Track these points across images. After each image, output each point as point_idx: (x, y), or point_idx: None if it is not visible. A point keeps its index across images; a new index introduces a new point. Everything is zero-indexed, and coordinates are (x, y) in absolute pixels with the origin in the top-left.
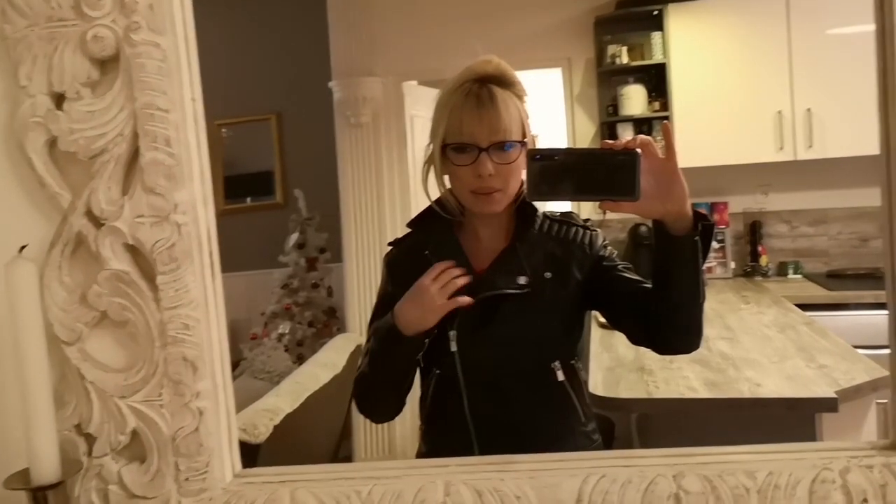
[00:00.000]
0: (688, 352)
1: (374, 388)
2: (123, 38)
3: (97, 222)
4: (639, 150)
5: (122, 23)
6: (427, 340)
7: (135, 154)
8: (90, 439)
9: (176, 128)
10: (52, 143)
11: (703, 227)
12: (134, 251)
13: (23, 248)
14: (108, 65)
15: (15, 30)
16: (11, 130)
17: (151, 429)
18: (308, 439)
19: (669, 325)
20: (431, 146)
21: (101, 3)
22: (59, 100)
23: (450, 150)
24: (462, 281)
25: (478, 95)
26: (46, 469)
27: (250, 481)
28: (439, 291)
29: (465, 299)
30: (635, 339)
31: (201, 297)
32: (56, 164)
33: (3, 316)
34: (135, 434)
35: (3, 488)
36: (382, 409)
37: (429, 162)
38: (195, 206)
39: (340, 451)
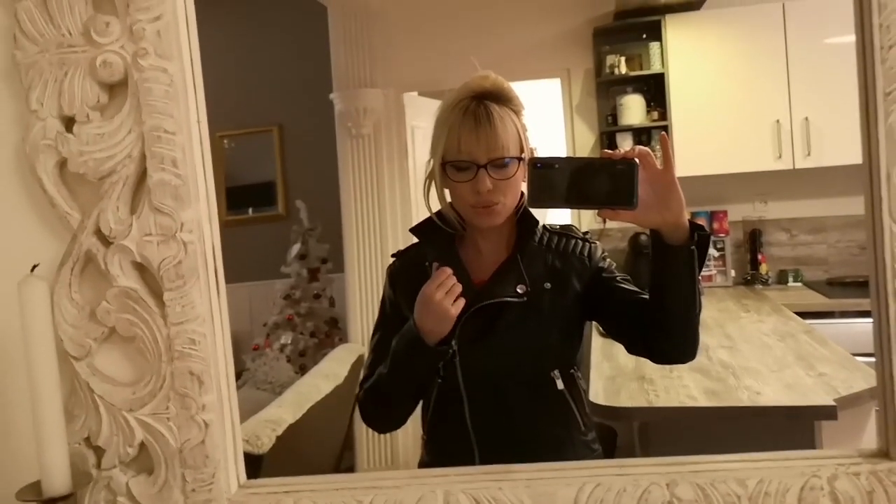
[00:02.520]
0: (684, 361)
1: (390, 399)
2: (132, 64)
3: (106, 241)
4: (637, 160)
5: (130, 49)
6: (451, 350)
7: (142, 175)
8: (99, 452)
9: (182, 149)
10: (63, 165)
11: (700, 236)
12: (141, 269)
13: (34, 267)
14: (116, 89)
15: (26, 56)
16: (23, 153)
17: (159, 441)
18: (310, 450)
19: (666, 334)
20: (432, 162)
21: (110, 30)
22: (69, 123)
23: (449, 168)
24: (459, 287)
25: (475, 114)
26: (57, 481)
27: (255, 492)
28: (446, 297)
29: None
30: (633, 349)
31: (207, 312)
32: (66, 185)
33: (15, 333)
34: (142, 446)
35: (16, 500)
36: (394, 418)
37: (430, 177)
38: (201, 224)
39: (343, 461)
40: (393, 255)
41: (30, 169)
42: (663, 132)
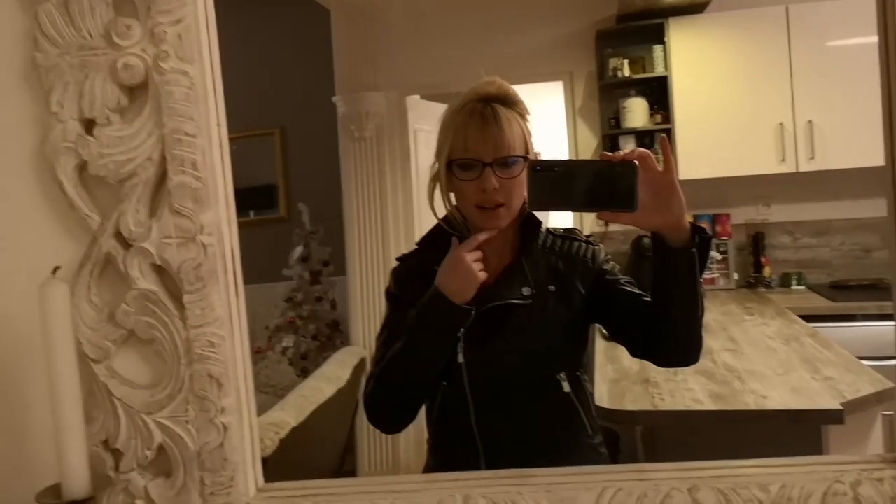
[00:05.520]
0: (687, 365)
1: (402, 380)
2: (153, 67)
3: (125, 243)
4: (637, 163)
5: (151, 52)
6: (473, 312)
7: (162, 177)
8: (117, 455)
9: (202, 152)
10: (83, 167)
11: (701, 239)
12: (161, 271)
13: (56, 269)
14: (137, 91)
15: (47, 58)
16: (43, 155)
17: (177, 444)
18: (313, 453)
19: (668, 337)
20: (436, 164)
21: (131, 33)
22: (89, 125)
23: (455, 167)
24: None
25: (482, 114)
26: (77, 484)
27: (273, 495)
28: (476, 263)
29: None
30: (636, 352)
31: (226, 315)
32: (86, 187)
33: (35, 335)
34: (161, 449)
35: (35, 503)
36: (402, 409)
37: (434, 179)
38: (220, 226)
39: (345, 464)
40: (398, 259)
41: (50, 171)
42: (663, 135)
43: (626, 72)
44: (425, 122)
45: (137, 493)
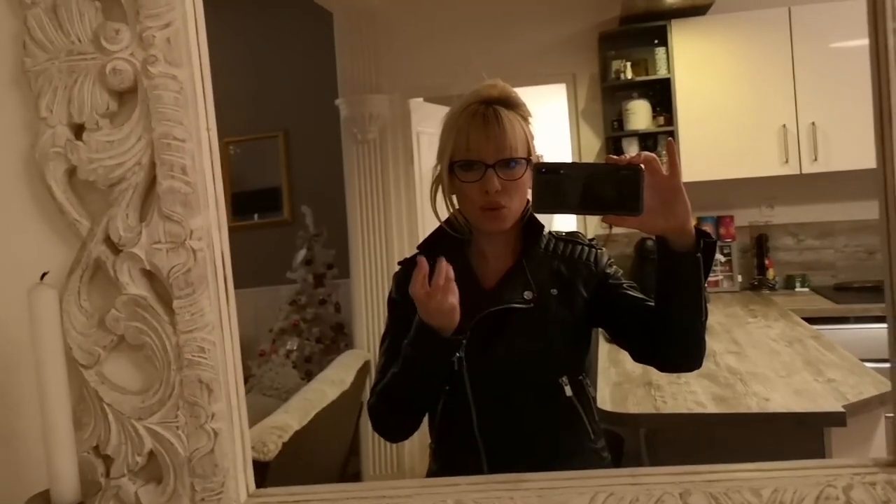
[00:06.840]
0: (690, 370)
1: (403, 400)
2: (141, 71)
3: (115, 249)
4: (642, 166)
5: (140, 56)
6: (465, 340)
7: (152, 182)
8: (108, 461)
9: (192, 157)
10: (72, 173)
11: (705, 244)
12: (151, 276)
13: (44, 275)
14: (126, 96)
15: (36, 63)
16: (32, 160)
17: (168, 450)
18: (317, 456)
19: (671, 342)
20: (439, 167)
21: (119, 38)
22: (78, 130)
23: (457, 168)
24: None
25: (484, 115)
26: (66, 490)
27: (264, 501)
28: (439, 292)
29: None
30: (638, 357)
31: (216, 320)
32: (75, 192)
33: (24, 341)
34: (151, 455)
35: None
36: (405, 423)
37: (436, 182)
38: (210, 231)
39: (349, 467)
40: (400, 263)
41: (39, 176)
42: (670, 138)
43: (629, 74)
44: (428, 125)
45: (128, 498)
